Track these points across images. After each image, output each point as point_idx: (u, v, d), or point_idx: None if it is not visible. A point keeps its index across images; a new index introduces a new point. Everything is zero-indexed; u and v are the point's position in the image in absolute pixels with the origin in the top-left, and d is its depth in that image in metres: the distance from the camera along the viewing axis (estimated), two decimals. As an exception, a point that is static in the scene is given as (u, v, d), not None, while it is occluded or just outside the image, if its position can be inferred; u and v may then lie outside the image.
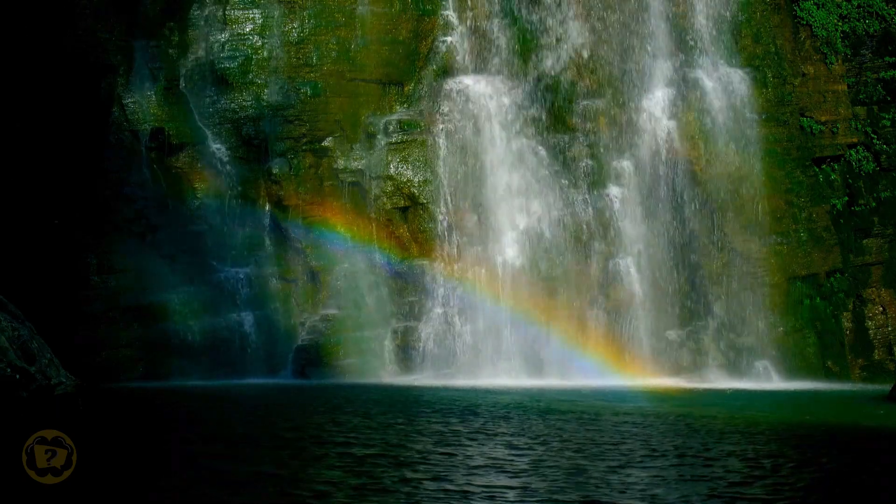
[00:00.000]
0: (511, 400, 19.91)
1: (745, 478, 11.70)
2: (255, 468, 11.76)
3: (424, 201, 26.09)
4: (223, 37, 25.65)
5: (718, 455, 13.25)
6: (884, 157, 29.68)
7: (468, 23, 26.99)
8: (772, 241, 27.76)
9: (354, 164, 25.99)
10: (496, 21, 27.07)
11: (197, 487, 10.69)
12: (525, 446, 13.78)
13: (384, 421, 16.42)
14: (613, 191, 26.90)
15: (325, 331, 25.14)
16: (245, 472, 11.55)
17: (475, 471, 11.88)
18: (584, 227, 26.63)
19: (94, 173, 24.07)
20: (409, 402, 19.53)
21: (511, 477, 11.56)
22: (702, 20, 27.82)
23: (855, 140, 29.52)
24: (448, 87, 26.70)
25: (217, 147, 25.31)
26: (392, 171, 26.09)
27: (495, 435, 14.81)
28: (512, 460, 12.65)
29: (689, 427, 16.29)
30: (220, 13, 25.65)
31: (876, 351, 28.95)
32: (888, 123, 29.68)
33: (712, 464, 12.56)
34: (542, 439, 14.52)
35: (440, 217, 26.13)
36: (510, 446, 13.77)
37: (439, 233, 26.11)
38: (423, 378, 24.94)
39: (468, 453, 13.05)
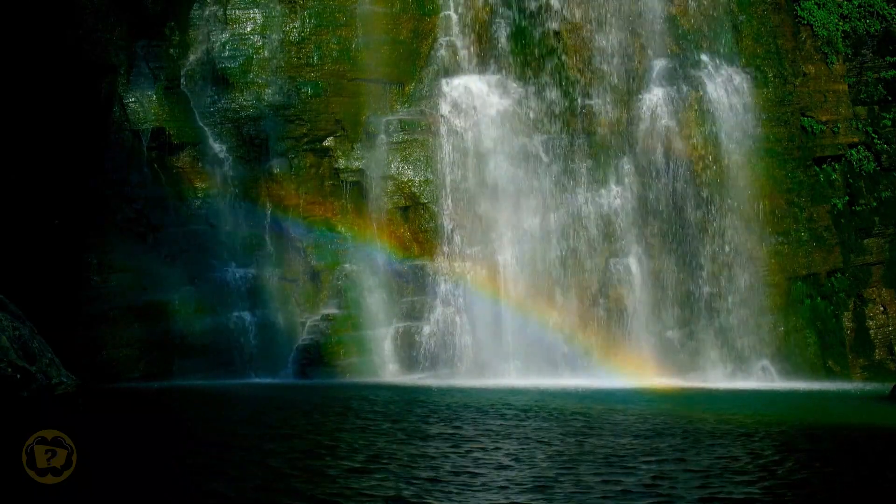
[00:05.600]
0: (510, 400, 19.91)
1: (746, 478, 11.70)
2: (254, 469, 11.77)
3: (425, 201, 26.10)
4: (224, 36, 25.65)
5: (719, 455, 13.25)
6: (884, 156, 29.68)
7: (468, 23, 27.00)
8: (772, 241, 27.75)
9: (355, 164, 26.00)
10: (496, 21, 27.07)
11: (197, 488, 10.70)
12: (526, 450, 13.78)
13: (385, 423, 16.43)
14: (613, 191, 26.90)
15: (325, 330, 25.15)
16: (244, 472, 11.56)
17: (471, 476, 11.89)
18: (585, 226, 26.63)
19: (94, 173, 24.08)
20: (411, 403, 19.52)
21: (516, 487, 11.57)
22: (702, 20, 27.80)
23: (856, 140, 29.51)
24: (449, 87, 26.70)
25: (218, 147, 25.31)
26: (393, 170, 26.10)
27: (495, 437, 14.82)
28: (513, 465, 12.65)
29: (689, 427, 16.28)
30: (220, 13, 25.66)
31: (877, 350, 28.95)
32: (889, 123, 29.67)
33: (711, 464, 12.57)
34: (543, 442, 14.52)
35: (441, 217, 26.14)
36: (510, 450, 13.77)
37: (440, 232, 26.12)
38: (424, 378, 24.95)
39: (466, 456, 13.05)
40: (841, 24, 29.37)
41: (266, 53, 25.68)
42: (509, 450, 13.39)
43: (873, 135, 29.69)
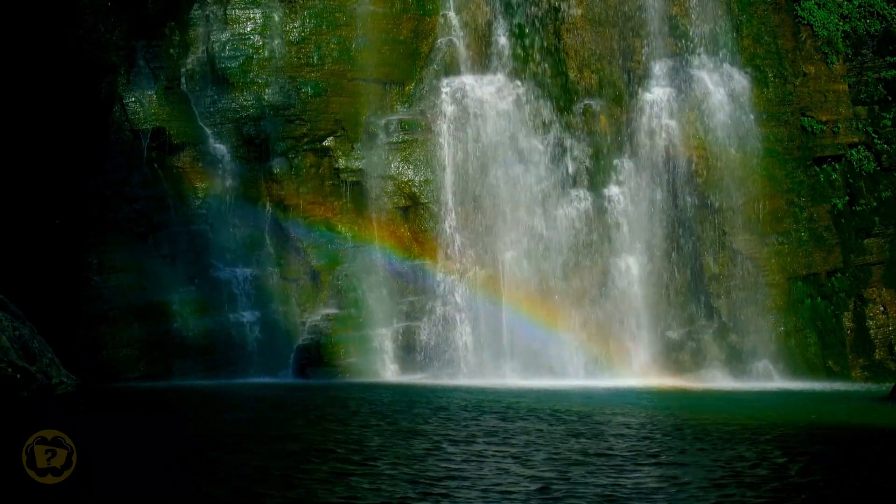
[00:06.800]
0: (511, 401, 19.90)
1: (747, 479, 11.70)
2: (254, 469, 11.77)
3: (425, 201, 26.10)
4: (224, 36, 25.64)
5: (720, 457, 13.24)
6: (885, 156, 29.68)
7: (468, 22, 26.99)
8: (772, 241, 27.74)
9: (355, 164, 26.00)
10: (496, 21, 27.07)
11: (197, 488, 10.70)
12: (527, 451, 13.78)
13: (384, 424, 16.42)
14: (613, 191, 26.89)
15: (326, 330, 25.14)
16: (244, 473, 11.56)
17: (470, 478, 11.88)
18: (584, 227, 26.63)
19: (94, 173, 24.08)
20: (410, 404, 19.52)
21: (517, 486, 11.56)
22: (702, 19, 27.80)
23: (856, 140, 29.51)
24: (449, 87, 26.70)
25: (218, 147, 25.31)
26: (393, 170, 26.10)
27: (495, 438, 14.81)
28: (513, 467, 12.65)
29: (690, 428, 16.28)
30: (220, 13, 25.65)
31: (877, 350, 28.95)
32: (889, 123, 29.67)
33: (714, 465, 12.56)
34: (544, 443, 14.51)
35: (441, 217, 26.14)
36: (510, 451, 13.77)
37: (440, 232, 26.12)
38: (424, 378, 24.95)
39: (465, 457, 13.04)
40: (841, 24, 29.37)
41: (266, 53, 25.67)
42: (510, 451, 13.38)
43: (873, 135, 29.69)
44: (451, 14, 26.95)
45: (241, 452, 12.92)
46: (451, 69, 26.82)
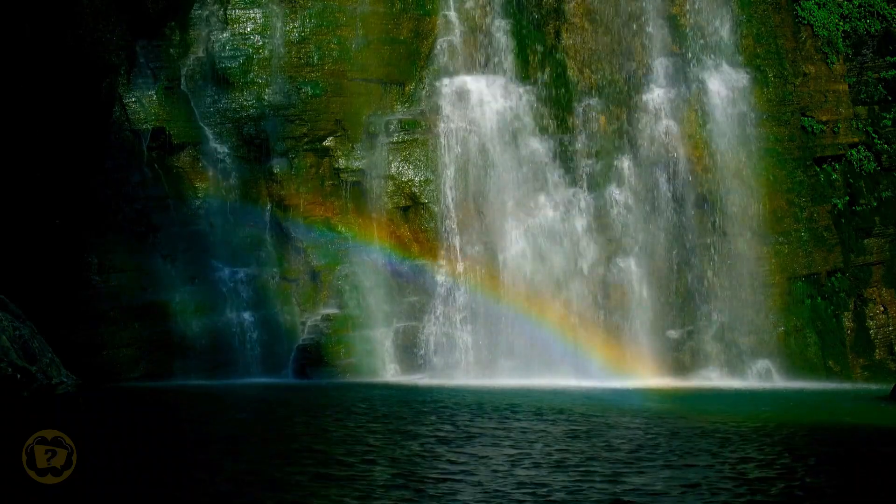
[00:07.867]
0: (511, 400, 19.91)
1: (747, 479, 11.69)
2: (252, 471, 11.77)
3: (425, 201, 26.10)
4: (224, 36, 25.64)
5: (725, 457, 13.24)
6: (885, 156, 29.67)
7: (469, 23, 26.99)
8: (772, 241, 27.75)
9: (355, 164, 26.00)
10: (496, 21, 27.07)
11: (197, 488, 10.70)
12: (527, 453, 13.77)
13: (383, 424, 16.43)
14: (613, 191, 26.90)
15: (326, 330, 25.15)
16: (242, 474, 11.56)
17: (467, 480, 11.87)
18: (585, 227, 26.63)
19: (94, 173, 24.07)
20: (410, 404, 19.52)
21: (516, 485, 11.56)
22: (702, 19, 27.81)
23: (856, 140, 29.51)
24: (449, 87, 26.69)
25: (218, 147, 25.31)
26: (393, 170, 26.10)
27: (495, 438, 14.80)
28: (513, 468, 12.65)
29: (693, 428, 16.28)
30: (221, 13, 25.65)
31: (877, 350, 28.94)
32: (889, 123, 29.67)
33: (719, 466, 12.56)
34: (545, 444, 14.51)
35: (441, 217, 26.14)
36: (510, 452, 13.76)
37: (440, 232, 26.12)
38: (424, 378, 24.96)
39: (464, 458, 13.04)
40: (841, 24, 29.37)
41: (266, 53, 25.67)
42: (510, 452, 13.37)
43: (873, 135, 29.69)
44: (451, 14, 26.95)
45: (239, 453, 12.92)
46: (451, 69, 26.81)
